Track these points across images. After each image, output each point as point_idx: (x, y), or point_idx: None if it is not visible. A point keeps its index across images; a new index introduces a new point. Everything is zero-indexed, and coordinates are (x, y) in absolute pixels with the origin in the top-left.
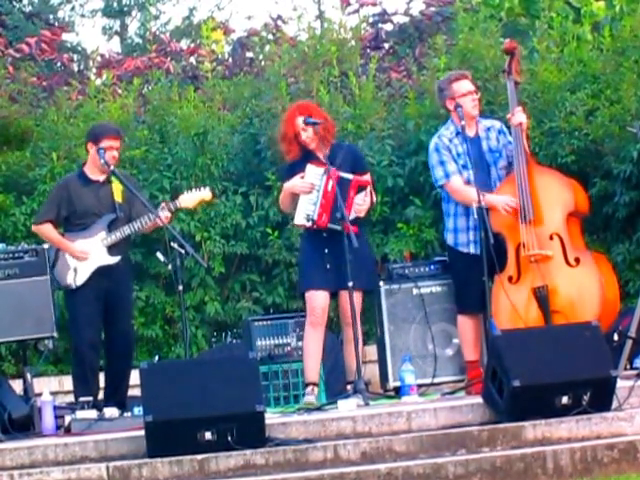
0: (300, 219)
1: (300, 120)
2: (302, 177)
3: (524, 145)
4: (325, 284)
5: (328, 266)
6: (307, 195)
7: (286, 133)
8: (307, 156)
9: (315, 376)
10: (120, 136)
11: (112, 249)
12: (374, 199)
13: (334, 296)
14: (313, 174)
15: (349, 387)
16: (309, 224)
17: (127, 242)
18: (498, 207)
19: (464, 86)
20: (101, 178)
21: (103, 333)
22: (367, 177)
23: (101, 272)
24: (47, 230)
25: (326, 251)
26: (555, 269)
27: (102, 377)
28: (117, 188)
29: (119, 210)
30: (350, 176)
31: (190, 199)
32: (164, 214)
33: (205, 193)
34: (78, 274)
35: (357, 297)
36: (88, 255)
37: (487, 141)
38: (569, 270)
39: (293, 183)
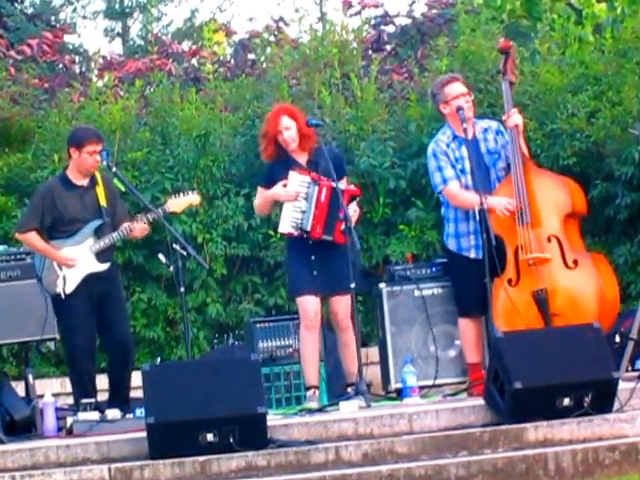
0: (287, 227)
1: (285, 119)
2: (284, 185)
3: (521, 147)
4: (314, 288)
5: (315, 273)
6: (292, 202)
7: (267, 131)
8: (287, 161)
9: (315, 379)
10: (102, 140)
11: (100, 255)
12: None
13: (323, 300)
14: (297, 182)
15: (349, 389)
16: (297, 233)
17: (113, 246)
18: (496, 209)
19: (456, 88)
20: (85, 182)
21: (99, 337)
22: (343, 182)
23: (90, 278)
24: (32, 238)
25: (312, 258)
26: (554, 271)
27: (105, 379)
28: (101, 192)
29: (105, 215)
30: (342, 186)
31: (178, 203)
32: (139, 226)
33: (193, 197)
34: (67, 282)
35: (347, 300)
36: (76, 262)
37: (485, 142)
38: (568, 272)
39: (277, 192)
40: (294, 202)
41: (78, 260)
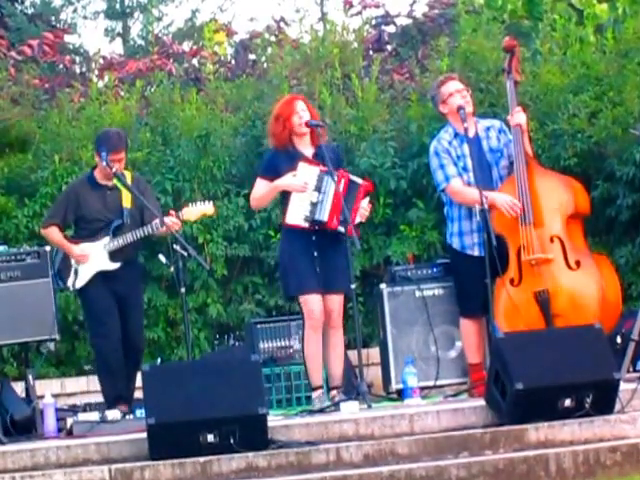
0: (296, 219)
1: (300, 103)
2: (294, 175)
3: (524, 146)
4: (317, 286)
5: (318, 269)
6: (301, 194)
7: (282, 113)
8: (293, 153)
9: (320, 379)
10: (122, 149)
11: (114, 255)
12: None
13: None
14: (307, 173)
15: (333, 393)
16: (306, 225)
17: (134, 247)
18: (498, 205)
19: (452, 86)
20: (110, 183)
21: None
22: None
23: (109, 277)
24: (52, 233)
25: (315, 254)
26: (556, 272)
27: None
28: (126, 193)
29: (126, 216)
30: (359, 180)
31: (193, 212)
32: (169, 220)
33: (208, 208)
34: (78, 277)
35: (341, 299)
36: (87, 257)
37: (487, 140)
38: (570, 273)
39: (289, 182)
40: (304, 194)
41: (90, 256)
